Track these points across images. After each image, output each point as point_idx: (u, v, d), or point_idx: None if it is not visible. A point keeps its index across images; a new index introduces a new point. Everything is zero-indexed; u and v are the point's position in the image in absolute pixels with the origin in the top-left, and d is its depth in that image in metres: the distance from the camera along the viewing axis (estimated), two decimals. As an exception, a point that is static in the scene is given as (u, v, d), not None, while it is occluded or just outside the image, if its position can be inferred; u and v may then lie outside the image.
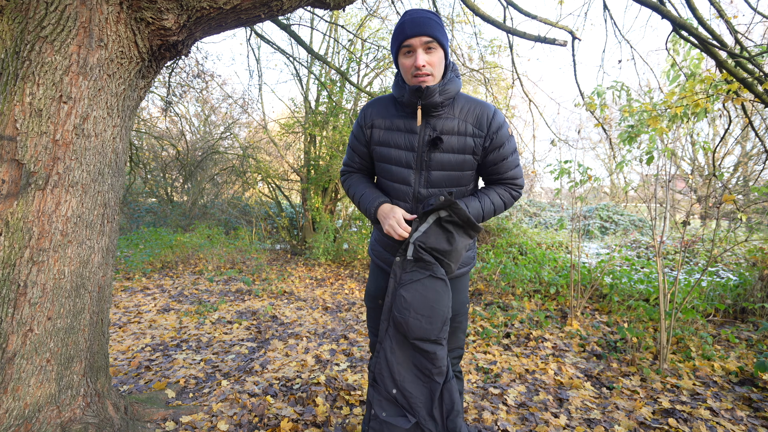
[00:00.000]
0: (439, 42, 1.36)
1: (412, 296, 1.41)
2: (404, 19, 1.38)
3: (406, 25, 1.36)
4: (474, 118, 1.43)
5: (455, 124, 1.43)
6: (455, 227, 1.43)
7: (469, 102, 1.46)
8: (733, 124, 7.79)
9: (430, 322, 1.40)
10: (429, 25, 1.35)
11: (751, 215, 7.10)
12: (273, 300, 4.69)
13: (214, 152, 9.97)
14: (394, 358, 1.45)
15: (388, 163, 1.51)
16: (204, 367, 2.78)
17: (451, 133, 1.43)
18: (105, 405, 1.76)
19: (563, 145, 12.20)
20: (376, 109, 1.53)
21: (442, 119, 1.43)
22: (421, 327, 1.40)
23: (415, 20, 1.35)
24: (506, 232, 7.11)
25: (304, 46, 4.94)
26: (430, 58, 1.37)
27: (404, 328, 1.42)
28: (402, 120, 1.47)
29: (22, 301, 1.50)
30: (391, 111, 1.50)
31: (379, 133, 1.51)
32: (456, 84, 1.43)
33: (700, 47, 3.02)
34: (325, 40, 8.57)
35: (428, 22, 1.35)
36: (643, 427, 2.07)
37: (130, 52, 1.66)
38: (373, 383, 1.49)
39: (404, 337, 1.45)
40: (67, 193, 1.57)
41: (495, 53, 7.58)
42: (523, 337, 3.35)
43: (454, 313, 1.58)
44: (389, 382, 1.45)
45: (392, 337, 1.46)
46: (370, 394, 1.50)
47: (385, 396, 1.46)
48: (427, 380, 1.44)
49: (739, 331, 3.41)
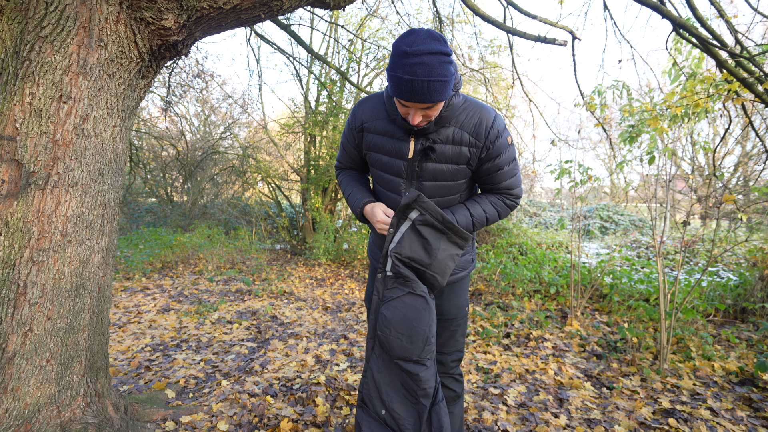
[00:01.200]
0: (440, 102, 1.21)
1: (392, 314, 1.37)
2: (401, 75, 1.14)
3: (403, 86, 1.15)
4: (472, 127, 1.33)
5: (451, 132, 1.33)
6: (433, 231, 1.37)
7: (467, 108, 1.35)
8: (733, 124, 7.80)
9: (410, 341, 1.35)
10: (429, 91, 1.15)
11: (751, 215, 7.10)
12: (273, 300, 4.69)
13: (214, 152, 9.97)
14: (382, 378, 1.41)
15: (379, 169, 1.45)
16: (204, 367, 2.78)
17: (446, 142, 1.34)
18: (105, 405, 1.75)
19: (563, 145, 12.21)
20: (366, 110, 1.43)
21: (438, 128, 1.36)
22: (402, 346, 1.36)
23: (414, 85, 1.14)
24: (506, 232, 7.11)
25: (304, 46, 4.95)
26: (428, 112, 1.25)
27: (387, 347, 1.39)
28: (390, 125, 1.38)
29: (22, 301, 1.50)
30: (381, 113, 1.40)
31: (370, 137, 1.43)
32: (453, 105, 1.31)
33: (700, 47, 3.02)
34: (325, 40, 8.57)
35: (429, 88, 1.14)
36: (643, 427, 2.07)
37: (130, 52, 1.66)
38: (362, 404, 1.46)
39: (390, 357, 1.41)
40: (67, 193, 1.57)
41: (495, 53, 7.59)
42: (523, 337, 3.35)
43: (452, 317, 1.56)
44: (378, 402, 1.42)
45: (378, 357, 1.43)
46: (359, 415, 1.46)
47: (374, 417, 1.43)
48: (415, 401, 1.39)
49: (740, 331, 3.41)
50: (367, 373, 1.45)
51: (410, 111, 1.24)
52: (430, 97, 1.17)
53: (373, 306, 1.44)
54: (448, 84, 1.18)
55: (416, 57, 1.12)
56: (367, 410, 1.45)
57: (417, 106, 1.21)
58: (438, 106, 1.26)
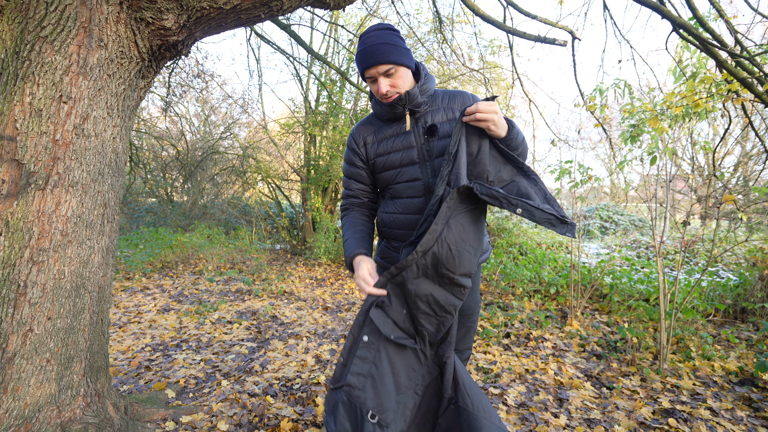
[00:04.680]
0: (398, 64, 1.37)
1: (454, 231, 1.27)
2: (359, 49, 1.38)
3: (360, 57, 1.37)
4: (458, 104, 1.49)
5: (441, 113, 1.48)
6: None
7: (447, 93, 1.52)
8: (733, 124, 7.80)
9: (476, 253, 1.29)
10: (382, 51, 1.35)
11: (751, 215, 7.10)
12: (273, 300, 4.69)
13: (214, 152, 9.97)
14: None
15: (392, 168, 1.51)
16: (204, 367, 2.78)
17: (442, 121, 1.47)
18: (105, 405, 1.76)
19: (563, 145, 12.20)
20: (362, 128, 1.57)
21: (428, 113, 1.47)
22: (470, 259, 1.27)
23: (368, 50, 1.36)
24: (506, 232, 7.11)
25: (304, 46, 4.94)
26: (393, 80, 1.39)
27: (454, 263, 1.25)
28: (391, 127, 1.51)
29: (22, 301, 1.50)
30: (377, 124, 1.55)
31: (374, 146, 1.54)
32: (431, 81, 1.49)
33: (700, 47, 3.02)
34: (325, 40, 8.58)
35: (381, 48, 1.35)
36: (643, 427, 2.07)
37: (130, 52, 1.66)
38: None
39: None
40: (67, 193, 1.57)
41: (495, 53, 7.58)
42: (523, 337, 3.35)
43: (469, 312, 1.56)
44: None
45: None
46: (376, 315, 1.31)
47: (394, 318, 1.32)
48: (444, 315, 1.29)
49: (739, 331, 3.41)
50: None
51: (377, 83, 1.39)
52: (382, 56, 1.34)
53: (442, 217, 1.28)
54: (397, 47, 1.37)
55: (367, 34, 1.39)
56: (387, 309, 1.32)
57: (378, 70, 1.36)
58: (400, 74, 1.39)
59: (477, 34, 10.71)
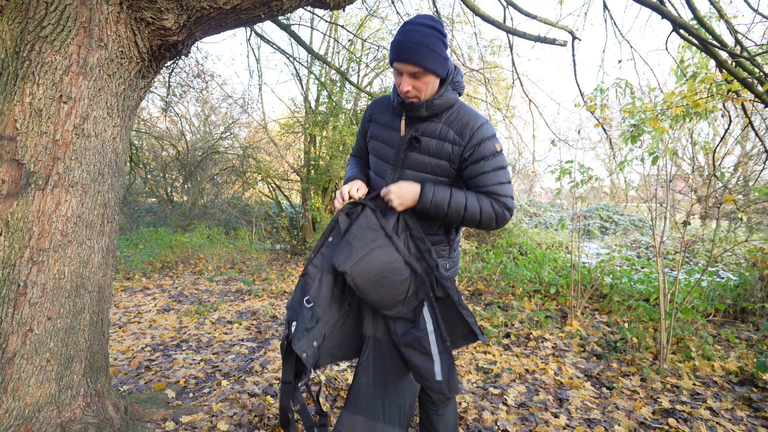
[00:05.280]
0: (428, 70, 1.31)
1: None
2: (397, 38, 1.32)
3: (395, 46, 1.32)
4: (458, 127, 1.41)
5: (438, 128, 1.43)
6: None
7: (460, 111, 1.43)
8: (733, 124, 7.79)
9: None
10: (417, 52, 1.29)
11: (751, 215, 7.11)
12: (273, 300, 4.69)
13: (214, 152, 9.96)
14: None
15: (374, 155, 1.59)
16: (204, 367, 2.78)
17: (432, 136, 1.42)
18: (105, 405, 1.76)
19: (563, 145, 12.20)
20: (377, 104, 1.61)
21: (427, 122, 1.44)
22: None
23: (405, 44, 1.30)
24: (506, 232, 7.11)
25: (304, 46, 4.94)
26: (417, 83, 1.35)
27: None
28: (392, 118, 1.53)
29: (22, 301, 1.50)
30: (389, 107, 1.56)
31: (373, 127, 1.60)
32: (447, 99, 1.41)
33: (700, 47, 3.02)
34: (325, 40, 8.57)
35: (417, 49, 1.29)
36: (643, 427, 2.07)
37: (130, 52, 1.66)
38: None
39: None
40: (67, 193, 1.57)
41: (495, 53, 7.58)
42: (523, 337, 3.35)
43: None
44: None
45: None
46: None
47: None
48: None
49: (739, 331, 3.41)
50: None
51: (401, 78, 1.35)
52: (416, 57, 1.29)
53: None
54: (435, 53, 1.31)
55: (412, 25, 1.32)
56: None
57: (406, 68, 1.32)
58: (426, 80, 1.34)
59: (477, 34, 10.70)
